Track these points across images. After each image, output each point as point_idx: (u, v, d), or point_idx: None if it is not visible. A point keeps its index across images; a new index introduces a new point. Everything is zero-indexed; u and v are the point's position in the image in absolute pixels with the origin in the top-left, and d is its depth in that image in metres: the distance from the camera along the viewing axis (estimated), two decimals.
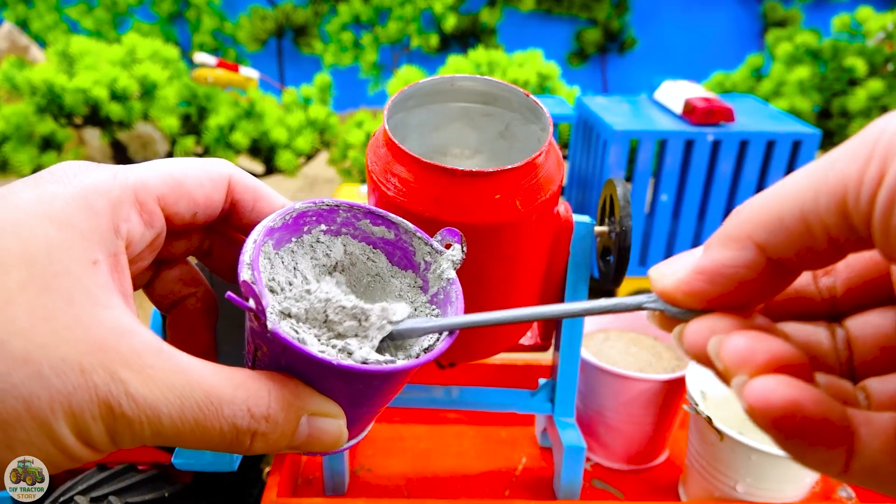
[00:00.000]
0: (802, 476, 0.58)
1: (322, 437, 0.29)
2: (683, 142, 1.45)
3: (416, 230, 0.35)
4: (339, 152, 1.94)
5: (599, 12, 3.25)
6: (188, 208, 0.31)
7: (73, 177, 0.27)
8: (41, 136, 1.68)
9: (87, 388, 0.23)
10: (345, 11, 3.13)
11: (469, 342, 0.54)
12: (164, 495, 0.62)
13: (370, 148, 0.45)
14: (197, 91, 1.86)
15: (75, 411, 0.23)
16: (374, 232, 0.35)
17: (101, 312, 0.25)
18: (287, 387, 0.28)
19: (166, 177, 0.30)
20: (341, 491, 0.63)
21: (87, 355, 0.24)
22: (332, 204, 0.34)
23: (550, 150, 0.44)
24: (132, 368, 0.24)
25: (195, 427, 0.25)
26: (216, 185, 0.32)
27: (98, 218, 0.26)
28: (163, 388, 0.25)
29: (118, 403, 0.24)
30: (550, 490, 0.66)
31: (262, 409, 0.27)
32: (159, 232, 0.30)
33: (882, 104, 1.84)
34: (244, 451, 0.28)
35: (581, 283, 0.56)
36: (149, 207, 0.29)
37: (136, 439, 0.25)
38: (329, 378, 0.29)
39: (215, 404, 0.26)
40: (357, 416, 0.32)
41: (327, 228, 0.34)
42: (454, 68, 1.85)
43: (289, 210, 0.32)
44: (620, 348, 0.72)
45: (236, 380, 0.27)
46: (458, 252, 0.34)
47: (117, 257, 0.27)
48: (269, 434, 0.27)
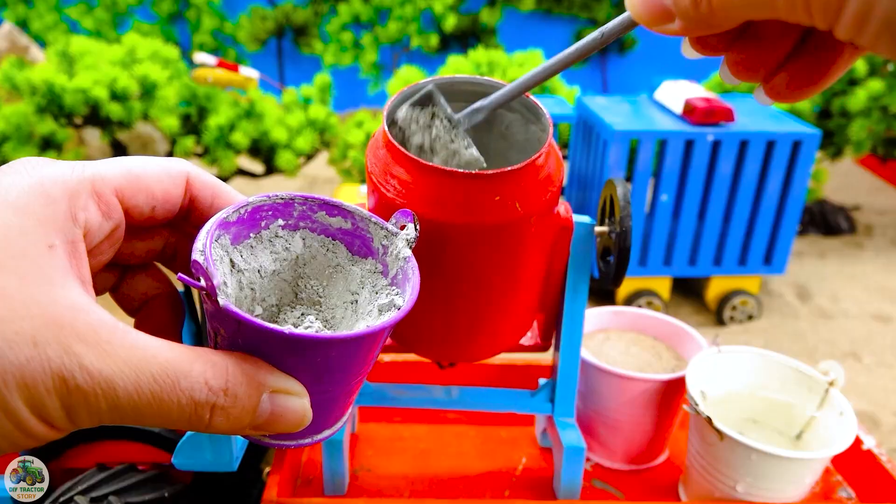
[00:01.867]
0: (802, 476, 0.58)
1: (285, 416, 0.29)
2: (683, 142, 1.45)
3: (371, 216, 0.36)
4: (339, 152, 1.94)
5: (599, 12, 3.25)
6: (146, 202, 0.31)
7: (31, 169, 0.28)
8: (41, 136, 1.68)
9: (40, 361, 0.24)
10: (345, 11, 3.13)
11: (470, 343, 0.54)
12: (164, 495, 0.62)
13: (370, 149, 0.45)
14: (197, 91, 1.86)
15: (28, 384, 0.23)
16: (331, 223, 0.36)
17: (56, 291, 0.25)
18: (247, 362, 0.28)
19: (124, 171, 0.31)
20: (341, 491, 0.63)
21: (41, 329, 0.24)
22: (286, 197, 0.34)
23: (550, 151, 0.44)
24: (87, 343, 0.24)
25: (152, 400, 0.25)
26: (174, 180, 0.32)
27: (55, 205, 0.27)
28: (118, 362, 0.25)
29: (72, 376, 0.24)
30: (550, 490, 0.66)
31: (221, 381, 0.27)
32: (118, 224, 0.31)
33: (882, 104, 1.84)
34: (205, 428, 0.28)
35: (581, 284, 0.56)
36: (106, 198, 0.30)
37: (93, 415, 0.25)
38: (286, 353, 0.29)
39: (171, 377, 0.26)
40: (323, 398, 0.32)
41: (285, 223, 0.35)
42: (454, 68, 1.85)
43: (242, 204, 0.33)
44: (620, 348, 0.72)
45: (193, 354, 0.27)
46: (412, 231, 0.35)
47: (74, 244, 0.27)
48: (230, 409, 0.27)
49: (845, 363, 1.51)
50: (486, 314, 0.50)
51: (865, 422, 1.31)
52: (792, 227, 1.57)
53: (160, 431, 0.63)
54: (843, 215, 2.17)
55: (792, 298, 1.80)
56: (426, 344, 0.55)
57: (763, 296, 1.77)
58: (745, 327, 1.65)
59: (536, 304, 0.56)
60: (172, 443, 0.63)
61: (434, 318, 0.50)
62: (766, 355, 0.68)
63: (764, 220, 1.55)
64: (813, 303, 1.78)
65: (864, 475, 0.67)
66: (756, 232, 1.57)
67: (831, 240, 2.13)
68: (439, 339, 0.54)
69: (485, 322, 0.51)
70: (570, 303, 0.56)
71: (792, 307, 1.75)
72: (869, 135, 1.89)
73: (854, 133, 1.88)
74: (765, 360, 0.69)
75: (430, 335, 0.53)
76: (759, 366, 0.69)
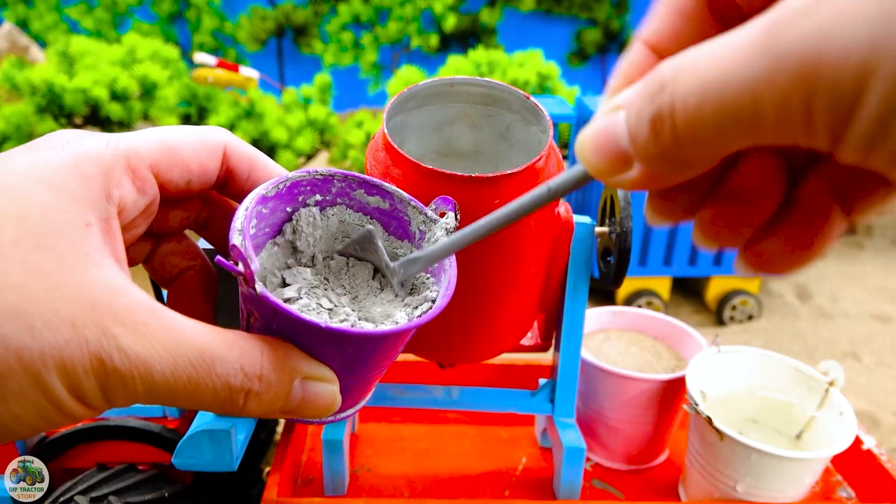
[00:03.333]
0: (802, 476, 0.58)
1: (316, 401, 0.29)
2: None
3: (411, 199, 0.35)
4: (339, 152, 1.94)
5: (599, 12, 3.25)
6: (182, 175, 0.31)
7: (66, 144, 0.28)
8: (41, 136, 1.68)
9: (78, 343, 0.24)
10: (345, 11, 3.13)
11: (469, 345, 0.54)
12: (164, 495, 0.62)
13: (369, 151, 0.45)
14: (197, 91, 1.86)
15: (67, 365, 0.23)
16: (369, 202, 0.35)
17: (93, 271, 0.25)
18: (280, 349, 0.28)
19: (160, 144, 0.30)
20: (341, 491, 0.63)
21: (79, 311, 0.24)
22: (325, 174, 0.34)
23: (550, 153, 0.44)
24: (124, 325, 0.24)
25: (188, 384, 0.26)
26: (211, 152, 0.32)
27: (90, 183, 0.27)
28: (155, 345, 0.25)
29: (110, 358, 0.24)
30: (550, 490, 0.66)
31: (256, 368, 0.27)
32: (152, 199, 0.30)
33: None
34: (238, 412, 0.28)
35: (581, 284, 0.56)
36: (141, 174, 0.29)
37: (129, 396, 0.25)
38: (320, 342, 0.29)
39: (208, 362, 0.26)
40: (352, 383, 0.32)
41: (322, 199, 0.34)
42: (454, 68, 1.85)
43: (282, 179, 0.32)
44: (620, 348, 0.72)
45: (229, 339, 0.27)
46: (452, 220, 0.35)
47: (109, 222, 0.27)
48: (263, 394, 0.27)
49: (845, 363, 1.51)
50: (486, 316, 0.50)
51: (865, 422, 1.31)
52: None
53: (160, 431, 0.63)
54: None
55: (792, 298, 1.80)
56: (426, 346, 0.55)
57: (763, 296, 1.77)
58: (745, 327, 1.65)
59: (536, 305, 0.56)
60: (172, 443, 0.63)
61: (434, 319, 0.50)
62: (766, 355, 0.68)
63: None
64: (813, 303, 1.78)
65: (863, 475, 0.67)
66: None
67: None
68: (439, 341, 0.54)
69: (485, 324, 0.51)
70: (570, 303, 0.56)
71: (792, 307, 1.75)
72: None
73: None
74: (765, 360, 0.69)
75: (429, 337, 0.53)
76: (759, 366, 0.69)
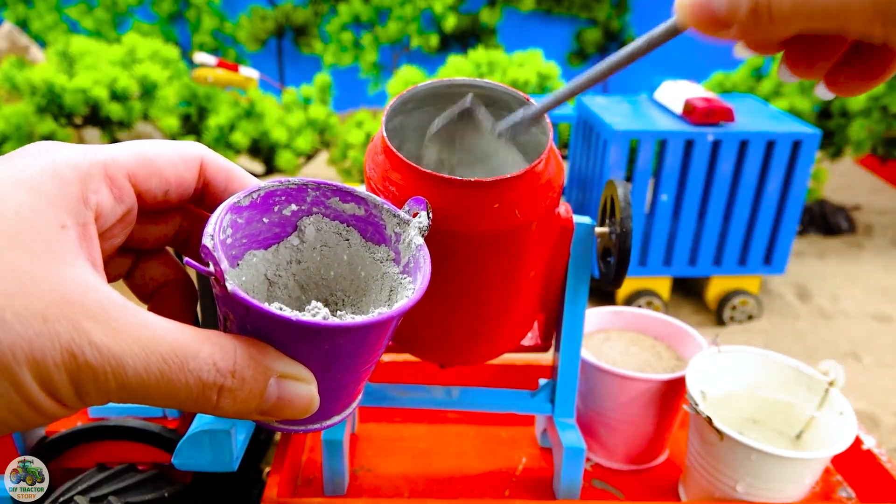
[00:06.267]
0: (802, 476, 0.58)
1: (293, 401, 0.29)
2: (683, 142, 1.45)
3: (384, 202, 0.36)
4: (339, 152, 1.94)
5: (599, 12, 3.24)
6: (159, 186, 0.32)
7: (44, 152, 0.28)
8: (41, 136, 1.68)
9: (49, 336, 0.24)
10: (345, 11, 3.12)
11: (469, 347, 0.54)
12: (164, 495, 0.62)
13: (368, 154, 0.45)
14: (197, 91, 1.86)
15: (38, 358, 0.24)
16: (345, 209, 0.36)
17: (67, 270, 0.25)
18: (255, 346, 0.28)
19: (137, 155, 0.31)
20: (341, 491, 0.63)
21: (51, 306, 0.24)
22: (299, 183, 0.34)
23: (550, 156, 0.44)
24: (96, 320, 0.25)
25: (160, 379, 0.26)
26: (188, 164, 0.33)
27: (67, 187, 0.27)
28: (127, 340, 0.25)
29: (81, 352, 0.24)
30: (550, 490, 0.66)
31: (229, 363, 0.27)
32: (130, 207, 0.31)
33: (882, 104, 1.84)
34: (212, 410, 0.28)
35: (581, 284, 0.56)
36: (118, 182, 0.30)
37: (101, 392, 0.25)
38: (295, 340, 0.29)
39: (181, 357, 0.26)
40: (331, 385, 0.32)
41: (298, 208, 0.35)
42: (454, 68, 1.85)
43: (255, 188, 0.33)
44: (620, 348, 0.72)
45: (202, 335, 0.27)
46: (425, 219, 0.35)
47: (86, 227, 0.28)
48: (237, 391, 0.27)
49: (845, 363, 1.51)
50: (486, 319, 0.50)
51: (865, 422, 1.31)
52: (792, 227, 1.57)
53: (160, 431, 0.63)
54: (843, 215, 2.17)
55: (792, 298, 1.80)
56: (426, 348, 0.55)
57: (763, 296, 1.77)
58: (744, 327, 1.65)
59: (536, 306, 0.56)
60: (172, 443, 0.63)
61: (433, 322, 0.50)
62: (766, 355, 0.68)
63: (764, 220, 1.55)
64: (813, 303, 1.78)
65: (863, 475, 0.67)
66: (756, 232, 1.57)
67: (831, 240, 2.13)
68: (439, 343, 0.54)
69: (484, 326, 0.51)
70: (570, 303, 0.56)
71: (792, 307, 1.75)
72: (869, 135, 1.89)
73: (854, 133, 1.88)
74: (765, 360, 0.69)
75: (429, 340, 0.53)
76: (759, 366, 0.69)
